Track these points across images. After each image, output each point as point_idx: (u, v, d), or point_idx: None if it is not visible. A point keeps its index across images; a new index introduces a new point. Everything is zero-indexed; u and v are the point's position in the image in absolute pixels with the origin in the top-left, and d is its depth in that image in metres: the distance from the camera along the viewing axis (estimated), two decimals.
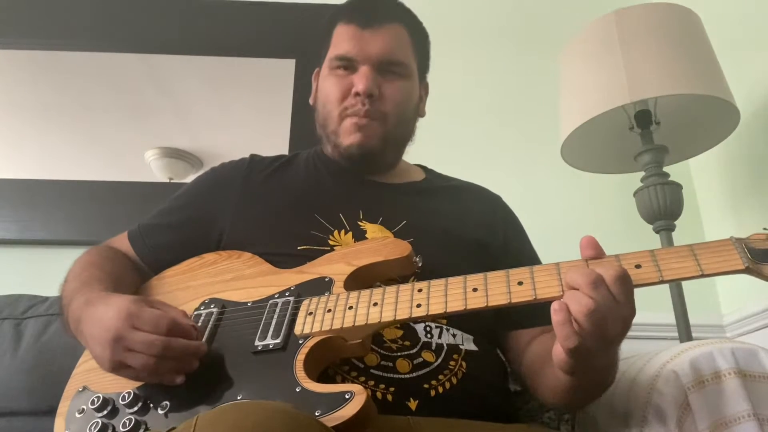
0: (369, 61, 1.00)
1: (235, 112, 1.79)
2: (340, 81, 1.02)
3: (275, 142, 1.72)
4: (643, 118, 1.42)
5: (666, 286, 1.40)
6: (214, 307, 0.85)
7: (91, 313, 0.79)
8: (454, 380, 0.82)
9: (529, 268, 0.71)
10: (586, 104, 1.39)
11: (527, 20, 1.99)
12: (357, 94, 0.99)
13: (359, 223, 0.96)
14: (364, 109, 0.99)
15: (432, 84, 1.17)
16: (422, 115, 1.13)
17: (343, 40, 1.03)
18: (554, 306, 0.64)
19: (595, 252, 0.69)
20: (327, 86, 1.04)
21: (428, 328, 0.85)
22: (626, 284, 0.64)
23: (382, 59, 1.01)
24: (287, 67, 1.82)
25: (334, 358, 0.78)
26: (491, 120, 1.86)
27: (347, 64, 1.02)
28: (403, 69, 1.04)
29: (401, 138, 1.07)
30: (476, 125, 1.84)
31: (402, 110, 1.04)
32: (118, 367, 0.75)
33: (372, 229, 0.95)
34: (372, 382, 0.78)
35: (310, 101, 1.14)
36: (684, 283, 1.40)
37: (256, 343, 0.76)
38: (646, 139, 1.42)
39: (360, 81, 0.99)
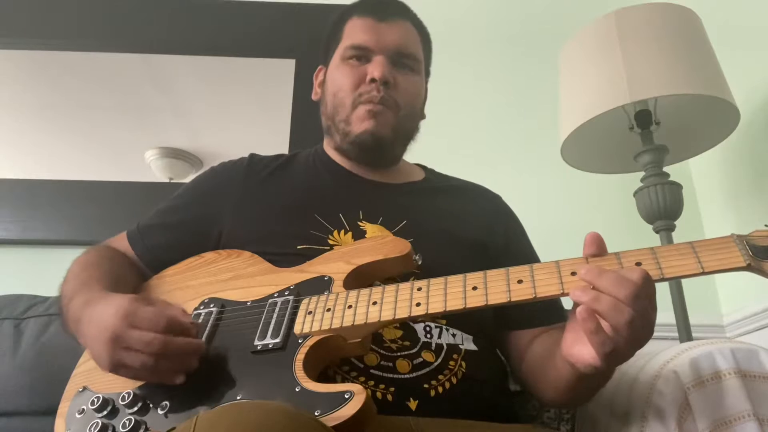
0: (385, 52, 1.02)
1: (235, 112, 1.79)
2: (353, 70, 1.03)
3: (275, 142, 1.73)
4: (643, 118, 1.42)
5: (666, 286, 1.40)
6: (213, 307, 0.85)
7: (90, 312, 0.79)
8: (454, 380, 0.82)
9: (529, 266, 0.71)
10: (586, 104, 1.38)
11: (527, 20, 1.99)
12: (372, 80, 1.00)
13: (359, 223, 0.95)
14: (379, 96, 0.99)
15: (432, 84, 1.17)
16: (423, 117, 1.14)
17: (358, 31, 1.04)
18: (582, 314, 0.63)
19: (598, 249, 0.69)
20: (339, 75, 1.04)
21: (428, 328, 0.85)
22: (653, 288, 0.65)
23: (397, 50, 1.03)
24: (287, 67, 1.82)
25: (333, 358, 0.78)
26: (491, 120, 1.86)
27: (361, 54, 1.03)
28: (415, 63, 1.06)
29: (408, 132, 1.08)
30: (476, 125, 1.85)
31: (413, 104, 1.06)
32: (117, 367, 0.74)
33: (372, 230, 0.94)
34: (372, 382, 0.78)
35: (313, 97, 1.14)
36: (684, 283, 1.40)
37: (256, 342, 0.76)
38: (646, 139, 1.42)
39: (376, 68, 1.00)
